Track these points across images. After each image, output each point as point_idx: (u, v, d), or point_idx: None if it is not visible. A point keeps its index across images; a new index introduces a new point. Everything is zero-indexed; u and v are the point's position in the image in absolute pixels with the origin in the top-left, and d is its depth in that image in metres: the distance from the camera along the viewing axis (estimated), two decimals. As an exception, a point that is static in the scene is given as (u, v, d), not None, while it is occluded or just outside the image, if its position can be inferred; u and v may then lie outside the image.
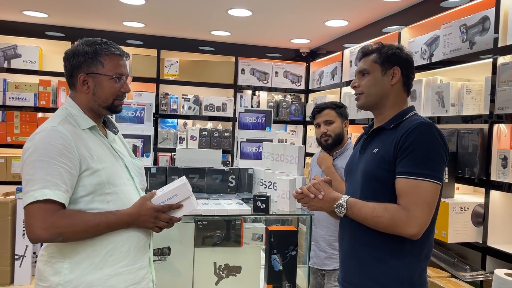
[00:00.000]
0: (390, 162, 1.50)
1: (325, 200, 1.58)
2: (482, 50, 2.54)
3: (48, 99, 4.46)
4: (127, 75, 1.62)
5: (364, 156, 1.64)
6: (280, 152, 2.56)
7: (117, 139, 1.71)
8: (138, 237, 1.58)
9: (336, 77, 4.46)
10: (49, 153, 1.40)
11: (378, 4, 3.33)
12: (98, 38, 1.61)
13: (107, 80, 1.55)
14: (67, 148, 1.42)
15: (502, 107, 2.35)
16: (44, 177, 1.37)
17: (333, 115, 2.53)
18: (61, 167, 1.40)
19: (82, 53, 1.56)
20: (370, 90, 1.62)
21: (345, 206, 1.54)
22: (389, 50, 1.61)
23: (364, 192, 1.58)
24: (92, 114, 1.58)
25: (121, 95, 1.60)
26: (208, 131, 4.84)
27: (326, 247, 2.48)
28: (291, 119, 5.21)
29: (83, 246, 1.47)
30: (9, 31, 4.44)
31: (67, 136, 1.44)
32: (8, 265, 2.45)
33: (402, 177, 1.46)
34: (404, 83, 1.63)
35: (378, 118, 1.66)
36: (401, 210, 1.44)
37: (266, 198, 2.16)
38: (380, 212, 1.46)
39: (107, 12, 3.94)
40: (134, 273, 1.56)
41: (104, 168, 1.50)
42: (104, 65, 1.55)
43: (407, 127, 1.50)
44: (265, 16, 3.79)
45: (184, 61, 4.91)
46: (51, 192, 1.36)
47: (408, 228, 1.42)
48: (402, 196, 1.46)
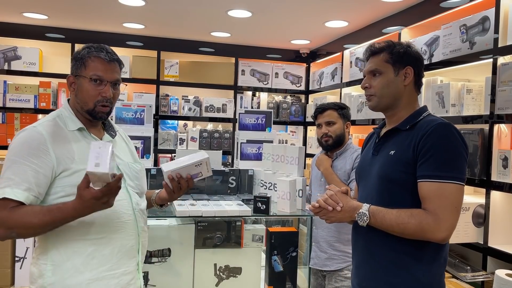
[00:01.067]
0: (408, 164, 1.46)
1: (344, 210, 1.51)
2: (482, 50, 2.54)
3: (48, 101, 4.46)
4: (112, 80, 1.56)
5: (378, 159, 1.58)
6: (280, 153, 2.56)
7: (117, 141, 1.69)
8: (122, 240, 1.54)
9: (336, 78, 4.46)
10: (20, 152, 1.43)
11: (378, 5, 3.33)
12: (97, 44, 1.59)
13: (87, 82, 1.54)
14: (39, 148, 1.43)
15: (503, 107, 2.34)
16: (9, 176, 1.41)
17: (335, 116, 2.52)
18: (28, 166, 1.41)
19: (75, 56, 1.58)
20: (383, 91, 1.56)
21: (367, 215, 1.47)
22: (401, 49, 1.56)
23: (381, 196, 1.52)
24: (82, 117, 1.58)
25: (101, 100, 1.54)
26: (208, 132, 4.84)
27: (327, 248, 2.48)
28: (291, 120, 5.21)
29: (64, 247, 1.46)
30: (9, 33, 4.44)
31: (43, 137, 1.45)
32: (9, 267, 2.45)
33: (426, 181, 1.41)
34: (416, 82, 1.59)
35: (391, 119, 1.61)
36: (428, 215, 1.39)
37: (267, 199, 2.16)
38: (406, 218, 1.40)
39: (107, 14, 3.94)
40: (117, 278, 1.52)
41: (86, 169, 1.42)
42: (86, 67, 1.54)
43: (425, 128, 1.45)
44: (265, 17, 3.79)
45: (184, 62, 4.91)
46: (10, 190, 1.38)
47: (437, 233, 1.38)
48: (428, 200, 1.41)
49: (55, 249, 1.47)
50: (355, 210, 1.49)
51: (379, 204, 1.49)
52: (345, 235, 2.41)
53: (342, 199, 1.53)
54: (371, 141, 1.73)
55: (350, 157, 2.48)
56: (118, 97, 1.63)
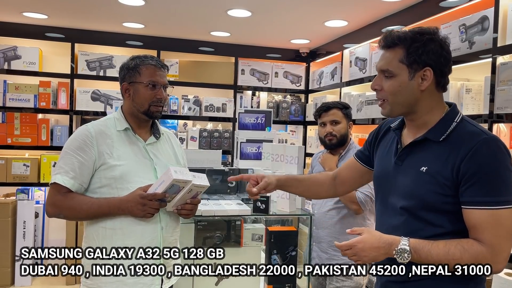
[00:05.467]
0: (445, 186, 1.26)
1: (378, 247, 1.29)
2: (481, 50, 2.54)
3: (48, 100, 4.46)
4: (164, 84, 1.81)
5: (403, 171, 1.37)
6: (280, 152, 2.56)
7: (161, 142, 1.89)
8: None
9: (336, 77, 4.46)
10: (71, 146, 1.71)
11: (378, 4, 3.33)
12: (144, 54, 1.84)
13: (143, 87, 1.77)
14: (86, 143, 1.70)
15: (502, 106, 2.35)
16: (60, 165, 1.70)
17: (339, 115, 2.51)
18: (75, 157, 1.68)
19: (126, 66, 1.82)
20: (395, 97, 1.35)
21: (409, 251, 1.25)
22: (420, 48, 1.30)
23: (412, 219, 1.33)
24: (132, 119, 1.82)
25: (156, 101, 1.78)
26: (208, 131, 4.84)
27: (328, 248, 2.48)
28: (291, 119, 5.21)
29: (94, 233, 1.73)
30: (9, 32, 4.44)
31: (91, 134, 1.72)
32: (9, 266, 2.46)
33: (475, 208, 1.23)
34: (438, 82, 1.35)
35: (413, 123, 1.40)
36: (482, 247, 1.22)
37: (266, 198, 2.16)
38: (457, 253, 1.22)
39: (106, 13, 3.94)
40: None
41: (121, 165, 1.71)
42: (140, 75, 1.78)
43: (468, 144, 1.24)
44: (265, 16, 3.80)
45: (184, 62, 4.91)
46: (60, 177, 1.67)
47: (494, 266, 1.22)
48: (479, 229, 1.23)
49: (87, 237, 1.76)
50: (391, 246, 1.28)
51: (405, 229, 1.32)
52: (346, 236, 2.40)
53: (371, 233, 1.33)
54: (387, 140, 1.52)
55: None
56: (167, 98, 1.81)
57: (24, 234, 3.80)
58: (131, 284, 1.68)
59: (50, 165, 4.36)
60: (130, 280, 1.67)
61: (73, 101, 4.57)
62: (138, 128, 1.83)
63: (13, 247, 2.64)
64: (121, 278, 1.64)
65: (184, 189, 1.67)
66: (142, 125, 1.84)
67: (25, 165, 4.32)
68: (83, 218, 1.75)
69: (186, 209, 1.75)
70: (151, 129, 1.89)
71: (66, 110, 4.56)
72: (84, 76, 4.61)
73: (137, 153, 1.78)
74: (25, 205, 3.98)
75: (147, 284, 1.71)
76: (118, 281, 1.66)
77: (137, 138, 1.81)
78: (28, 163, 4.32)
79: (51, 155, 4.44)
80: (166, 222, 1.77)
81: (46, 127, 4.47)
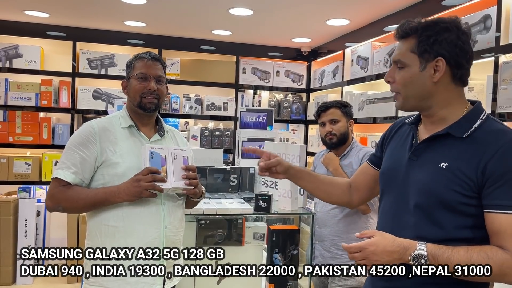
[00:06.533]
0: (467, 185, 1.17)
1: (391, 251, 1.18)
2: (484, 48, 2.54)
3: (49, 99, 4.46)
4: (155, 76, 1.78)
5: (418, 166, 1.28)
6: (282, 151, 2.56)
7: (166, 140, 1.88)
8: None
9: (338, 76, 4.45)
10: (74, 142, 1.72)
11: (379, 3, 3.33)
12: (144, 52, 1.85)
13: (134, 80, 1.78)
14: (89, 139, 1.71)
15: (504, 105, 2.34)
16: (63, 160, 1.71)
17: (338, 114, 2.51)
18: (77, 153, 1.69)
19: (126, 64, 1.86)
20: (407, 90, 1.28)
21: (426, 256, 1.15)
22: (432, 37, 1.22)
23: (425, 220, 1.23)
24: (134, 115, 1.82)
25: (146, 92, 1.76)
26: (209, 130, 4.84)
27: (331, 246, 2.47)
28: (293, 118, 5.21)
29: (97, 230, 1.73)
30: (11, 31, 4.44)
31: (94, 130, 1.73)
32: (10, 265, 2.46)
33: (501, 212, 1.13)
34: (454, 75, 1.25)
35: (429, 120, 1.31)
36: (507, 255, 1.12)
37: (268, 197, 2.17)
38: (481, 261, 1.12)
39: (108, 12, 3.94)
40: None
41: (124, 162, 1.71)
42: (133, 69, 1.80)
43: (496, 143, 1.16)
44: (266, 15, 3.79)
45: (185, 61, 4.91)
46: (62, 172, 1.68)
47: None
48: (505, 236, 1.13)
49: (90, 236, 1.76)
50: (407, 250, 1.17)
51: (416, 229, 1.23)
52: (349, 234, 2.40)
53: (384, 235, 1.22)
54: (401, 135, 1.43)
55: (356, 156, 2.46)
56: (165, 93, 1.84)
57: (26, 233, 3.81)
58: (133, 283, 1.68)
59: (51, 163, 4.37)
60: (132, 279, 1.67)
61: (74, 99, 4.57)
62: (142, 125, 1.83)
63: (15, 246, 2.64)
64: (123, 277, 1.64)
65: (168, 157, 1.71)
66: (145, 122, 1.83)
67: (26, 164, 4.33)
68: (81, 209, 1.73)
69: (191, 178, 1.73)
70: (156, 127, 1.89)
71: (67, 109, 4.56)
72: (85, 74, 4.61)
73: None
74: (27, 203, 3.98)
75: (149, 283, 1.71)
76: (120, 280, 1.66)
77: (141, 135, 1.81)
78: (30, 162, 4.33)
79: (53, 153, 4.44)
80: (169, 221, 1.77)
81: (47, 125, 4.47)
